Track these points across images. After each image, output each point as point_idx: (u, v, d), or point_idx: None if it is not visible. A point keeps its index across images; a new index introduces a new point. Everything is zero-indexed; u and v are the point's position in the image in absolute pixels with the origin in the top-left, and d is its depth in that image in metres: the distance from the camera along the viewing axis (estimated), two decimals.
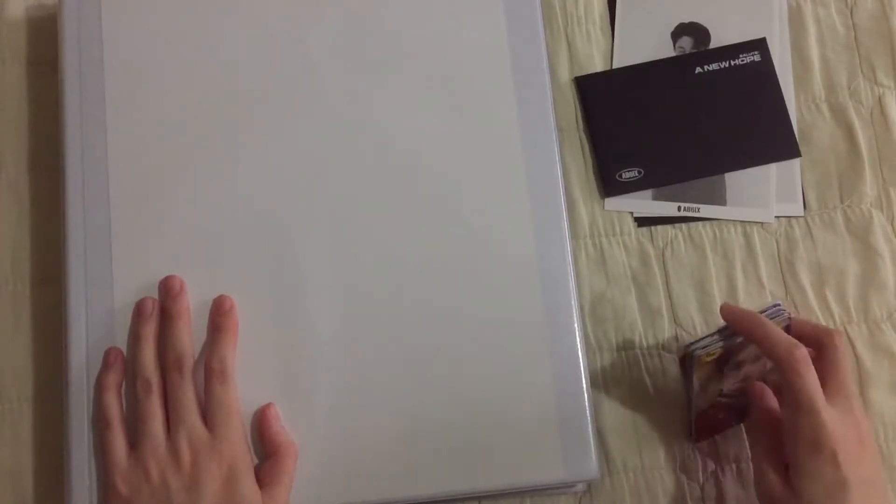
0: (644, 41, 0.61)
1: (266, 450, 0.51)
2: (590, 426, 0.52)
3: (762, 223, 0.58)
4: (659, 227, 0.58)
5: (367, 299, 0.54)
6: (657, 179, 0.59)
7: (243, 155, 0.55)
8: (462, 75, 0.57)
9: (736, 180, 0.59)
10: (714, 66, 0.60)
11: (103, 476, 0.50)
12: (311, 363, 0.53)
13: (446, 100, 0.56)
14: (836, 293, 0.57)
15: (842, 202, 0.59)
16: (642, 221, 0.58)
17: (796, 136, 0.59)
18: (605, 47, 0.61)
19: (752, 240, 0.58)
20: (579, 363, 0.53)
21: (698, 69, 0.60)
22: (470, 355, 0.53)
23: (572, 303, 0.54)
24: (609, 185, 0.59)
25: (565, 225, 0.55)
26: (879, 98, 0.60)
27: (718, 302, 0.57)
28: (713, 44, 0.61)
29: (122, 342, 0.53)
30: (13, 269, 0.57)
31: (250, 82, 0.56)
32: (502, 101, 0.56)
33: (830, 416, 0.46)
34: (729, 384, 0.53)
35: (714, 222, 0.58)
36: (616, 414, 0.56)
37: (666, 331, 0.57)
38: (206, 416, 0.50)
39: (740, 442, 0.55)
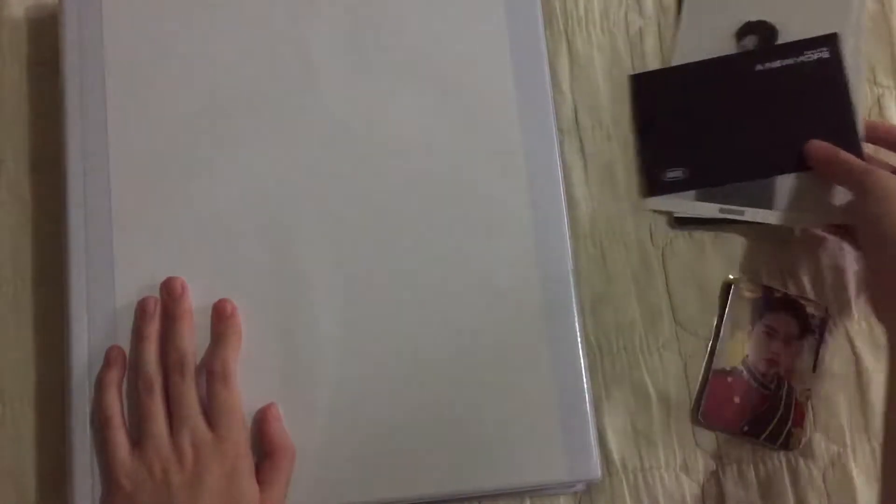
0: (707, 39, 0.59)
1: (265, 450, 0.51)
2: (590, 426, 0.52)
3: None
4: (659, 227, 0.59)
5: (367, 299, 0.54)
6: (703, 180, 0.57)
7: (244, 155, 0.55)
8: (462, 76, 0.57)
9: (787, 183, 0.57)
10: (776, 64, 0.57)
11: (106, 473, 0.50)
12: (311, 364, 0.53)
13: (446, 100, 0.56)
14: (836, 292, 0.57)
15: None
16: (681, 221, 0.58)
17: (860, 138, 0.56)
18: (606, 47, 0.61)
19: (752, 239, 0.58)
20: (580, 363, 0.53)
21: (759, 66, 0.58)
22: (470, 356, 0.53)
23: (572, 304, 0.54)
24: (652, 184, 0.58)
25: (565, 225, 0.55)
26: (878, 98, 0.60)
27: (719, 301, 0.57)
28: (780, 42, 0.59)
29: (123, 342, 0.53)
30: (14, 269, 0.57)
31: (251, 82, 0.56)
32: (502, 101, 0.56)
33: None
34: (755, 351, 0.54)
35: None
36: (616, 414, 0.56)
37: (666, 331, 0.57)
38: (209, 417, 0.50)
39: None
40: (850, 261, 0.58)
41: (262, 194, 0.55)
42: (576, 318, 0.53)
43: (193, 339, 0.52)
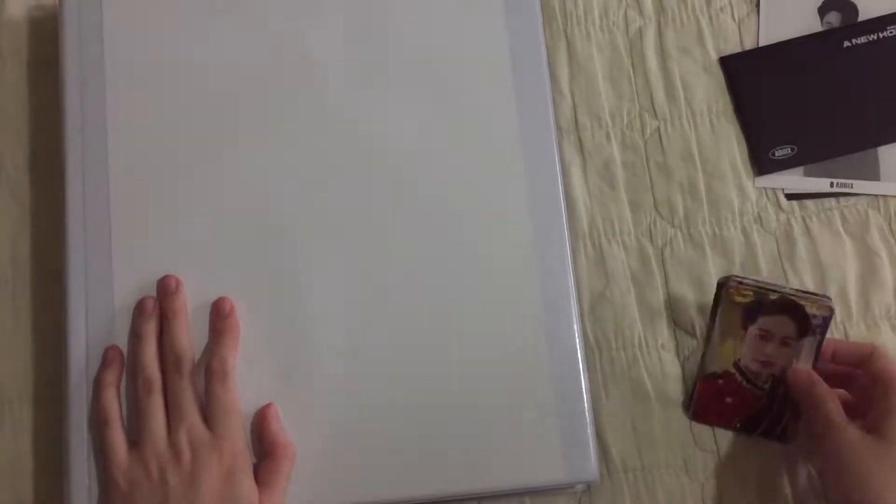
0: (790, 18, 0.61)
1: (265, 449, 0.51)
2: (589, 427, 0.52)
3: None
4: (659, 226, 0.58)
5: (366, 300, 0.54)
6: (810, 156, 0.59)
7: (244, 156, 0.55)
8: (462, 75, 0.57)
9: (890, 155, 0.59)
10: (863, 40, 0.60)
11: (103, 472, 0.50)
12: (311, 364, 0.53)
13: (445, 100, 0.56)
14: (837, 291, 0.57)
15: None
16: (792, 197, 0.59)
17: None
18: (605, 46, 0.61)
19: (751, 238, 0.58)
20: (578, 365, 0.53)
21: (846, 43, 0.60)
22: (469, 356, 0.53)
23: (572, 304, 0.54)
24: (762, 163, 0.59)
25: (565, 225, 0.55)
26: None
27: (713, 302, 0.56)
28: (861, 18, 0.61)
29: (122, 342, 0.53)
30: (13, 269, 0.57)
31: (251, 83, 0.56)
32: (501, 100, 0.56)
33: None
34: (748, 354, 0.53)
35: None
36: (616, 414, 0.56)
37: (665, 331, 0.57)
38: (207, 416, 0.50)
39: (742, 441, 0.55)
40: (850, 260, 0.58)
41: (261, 195, 0.55)
42: (574, 319, 0.53)
43: (190, 336, 0.52)
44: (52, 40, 0.57)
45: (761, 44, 0.61)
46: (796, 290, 0.53)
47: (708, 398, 0.54)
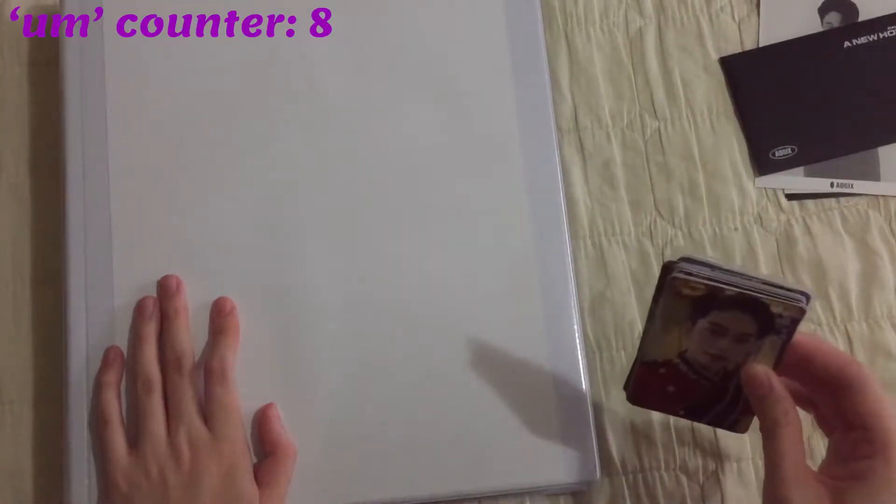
0: (790, 18, 0.61)
1: (265, 449, 0.51)
2: (590, 428, 0.52)
3: None
4: (659, 226, 0.58)
5: (366, 300, 0.54)
6: (810, 156, 0.59)
7: (244, 156, 0.55)
8: (462, 76, 0.57)
9: (890, 155, 0.59)
10: (863, 40, 0.60)
11: (103, 473, 0.50)
12: (312, 364, 0.53)
13: (446, 100, 0.56)
14: (837, 291, 0.57)
15: None
16: (792, 197, 0.59)
17: None
18: (605, 46, 0.61)
19: (751, 238, 0.58)
20: (579, 365, 0.53)
21: (847, 44, 0.60)
22: (468, 356, 0.53)
23: (572, 304, 0.54)
24: (762, 163, 0.59)
25: (565, 225, 0.55)
26: None
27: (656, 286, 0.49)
28: (861, 18, 0.61)
29: (122, 342, 0.53)
30: (13, 270, 0.57)
31: (251, 84, 0.56)
32: (502, 101, 0.56)
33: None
34: (696, 346, 0.45)
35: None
36: (616, 414, 0.56)
37: None
38: (207, 416, 0.50)
39: (741, 440, 0.55)
40: (851, 261, 0.58)
41: (262, 194, 0.55)
42: (575, 320, 0.53)
43: (190, 337, 0.52)
44: (53, 40, 0.57)
45: (761, 44, 0.61)
46: (767, 282, 0.43)
47: (647, 384, 0.47)
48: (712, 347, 0.45)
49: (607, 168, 0.59)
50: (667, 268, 0.44)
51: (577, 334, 0.53)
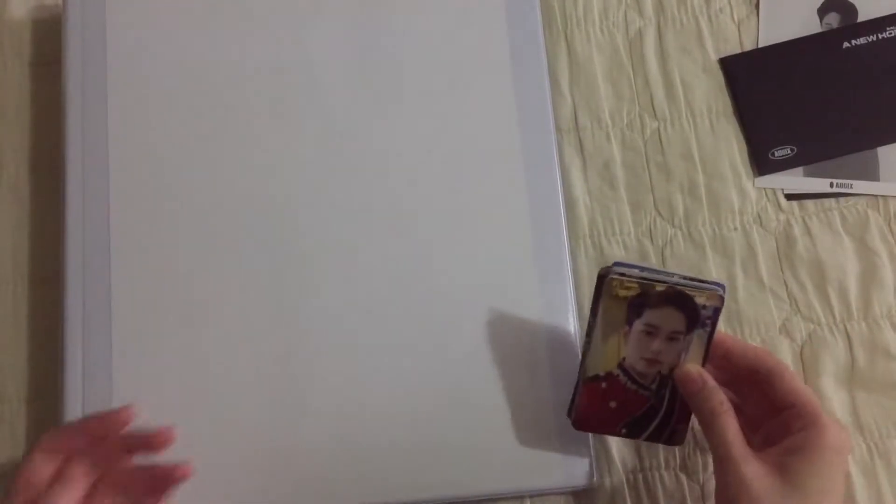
0: (790, 19, 0.62)
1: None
2: (587, 433, 0.52)
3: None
4: (659, 226, 0.58)
5: (365, 301, 0.53)
6: (810, 156, 0.59)
7: (244, 156, 0.55)
8: (462, 76, 0.57)
9: (889, 155, 0.59)
10: (862, 41, 0.61)
11: None
12: (311, 367, 0.53)
13: (446, 102, 0.56)
14: (837, 291, 0.57)
15: None
16: (792, 197, 0.59)
17: None
18: (605, 47, 0.61)
19: (751, 238, 0.58)
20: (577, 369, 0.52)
21: (846, 44, 0.61)
22: (467, 359, 0.53)
23: (570, 308, 0.53)
24: (762, 163, 0.59)
25: (564, 227, 0.55)
26: None
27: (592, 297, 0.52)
28: (861, 19, 0.62)
29: (118, 341, 0.53)
30: (13, 269, 0.57)
31: (253, 85, 0.56)
32: (501, 101, 0.56)
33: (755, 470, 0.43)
34: (633, 352, 0.48)
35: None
36: None
37: None
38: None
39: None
40: (850, 260, 0.58)
41: (261, 195, 0.55)
42: (573, 324, 0.53)
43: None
44: (54, 41, 0.57)
45: (761, 45, 0.61)
46: (686, 277, 0.47)
47: (590, 404, 0.49)
48: (647, 352, 0.48)
49: (607, 168, 0.59)
50: (602, 275, 0.47)
51: (575, 339, 0.53)
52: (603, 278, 0.47)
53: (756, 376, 0.47)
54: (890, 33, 0.61)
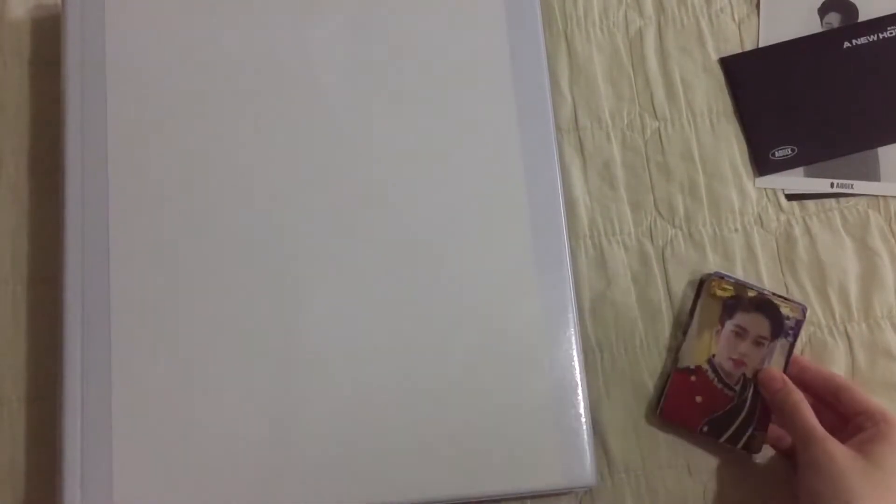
0: (790, 19, 0.62)
1: None
2: (586, 434, 0.52)
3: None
4: (659, 226, 0.58)
5: (365, 302, 0.53)
6: (810, 156, 0.59)
7: (243, 156, 0.55)
8: (462, 75, 0.57)
9: (890, 155, 0.59)
10: (863, 40, 0.61)
11: None
12: (310, 366, 0.52)
13: (445, 100, 0.56)
14: (837, 291, 0.57)
15: None
16: (792, 197, 0.59)
17: None
18: (605, 47, 0.61)
19: (751, 238, 0.58)
20: (576, 371, 0.52)
21: (846, 44, 0.61)
22: (467, 359, 0.53)
23: (570, 308, 0.53)
24: (762, 163, 0.59)
25: (564, 227, 0.54)
26: None
27: (693, 298, 0.56)
28: (861, 18, 0.62)
29: (117, 341, 0.52)
30: (12, 269, 0.57)
31: (252, 83, 0.56)
32: (501, 101, 0.56)
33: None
34: (722, 351, 0.53)
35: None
36: (617, 414, 0.55)
37: (666, 330, 0.57)
38: None
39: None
40: (851, 261, 0.58)
41: (261, 194, 0.55)
42: (573, 324, 0.53)
43: None
44: (53, 40, 0.57)
45: (761, 44, 0.61)
46: (773, 292, 0.54)
47: (679, 393, 0.54)
48: (735, 352, 0.54)
49: (607, 168, 0.59)
50: (703, 279, 0.55)
51: (574, 339, 0.53)
52: (704, 281, 0.55)
53: (825, 393, 0.52)
54: (890, 33, 0.61)
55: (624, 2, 0.62)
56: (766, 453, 0.55)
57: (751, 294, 0.54)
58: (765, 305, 0.54)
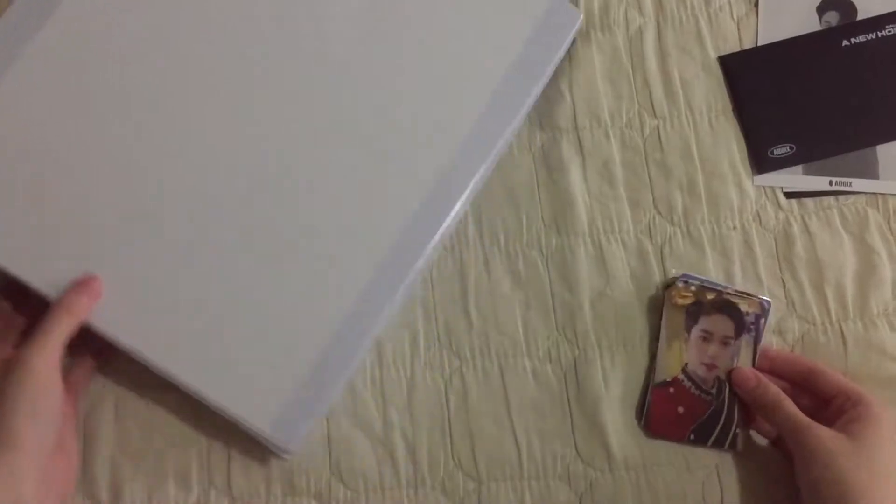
0: (789, 17, 0.62)
1: None
2: (321, 404, 0.51)
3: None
4: (658, 224, 0.59)
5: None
6: (809, 154, 0.59)
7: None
8: (462, 46, 0.56)
9: (889, 153, 0.59)
10: (861, 39, 0.61)
11: None
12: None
13: (431, 53, 0.56)
14: (834, 290, 0.57)
15: None
16: (791, 196, 0.59)
17: None
18: (605, 46, 0.61)
19: (750, 236, 0.58)
20: (358, 347, 0.52)
21: (845, 42, 0.61)
22: (291, 268, 0.53)
23: (400, 289, 0.53)
24: (761, 162, 0.59)
25: (438, 233, 0.54)
26: None
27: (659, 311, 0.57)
28: (860, 17, 0.62)
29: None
30: None
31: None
32: (484, 79, 0.56)
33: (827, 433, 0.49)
34: (693, 358, 0.55)
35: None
36: (617, 411, 0.56)
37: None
38: None
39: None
40: (849, 259, 0.58)
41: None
42: (389, 304, 0.52)
43: None
44: None
45: (760, 43, 0.62)
46: (735, 290, 0.55)
47: (661, 408, 0.55)
48: (705, 356, 0.55)
49: (606, 167, 0.60)
50: (666, 286, 0.55)
51: (379, 317, 0.52)
52: (666, 289, 0.55)
53: (797, 378, 0.54)
54: (889, 31, 0.61)
55: (623, 1, 0.62)
56: (762, 447, 0.55)
57: (710, 297, 0.55)
58: (724, 306, 0.55)
